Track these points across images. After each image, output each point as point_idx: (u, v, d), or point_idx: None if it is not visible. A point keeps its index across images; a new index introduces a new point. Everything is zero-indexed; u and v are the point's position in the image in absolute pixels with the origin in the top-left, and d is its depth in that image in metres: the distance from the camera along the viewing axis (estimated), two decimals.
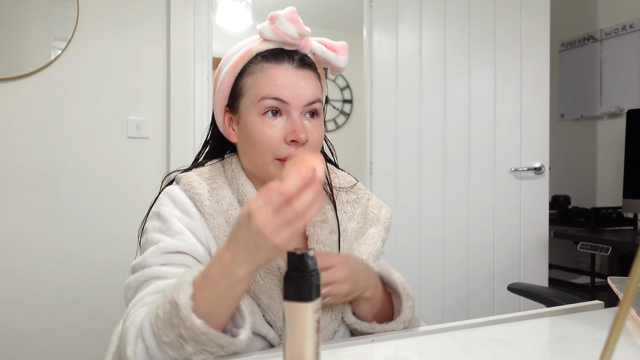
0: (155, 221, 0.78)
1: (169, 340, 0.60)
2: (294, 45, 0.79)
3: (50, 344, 1.93)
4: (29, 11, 1.92)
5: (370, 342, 0.69)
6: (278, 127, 0.77)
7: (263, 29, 0.78)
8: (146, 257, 0.73)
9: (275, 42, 0.79)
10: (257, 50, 0.79)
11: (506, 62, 2.35)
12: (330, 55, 0.81)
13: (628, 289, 0.34)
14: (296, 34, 0.77)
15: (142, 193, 2.08)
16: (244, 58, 0.80)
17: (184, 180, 0.81)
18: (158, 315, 0.61)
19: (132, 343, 0.63)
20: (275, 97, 0.77)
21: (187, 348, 0.60)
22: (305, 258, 0.47)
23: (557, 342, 0.69)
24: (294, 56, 0.79)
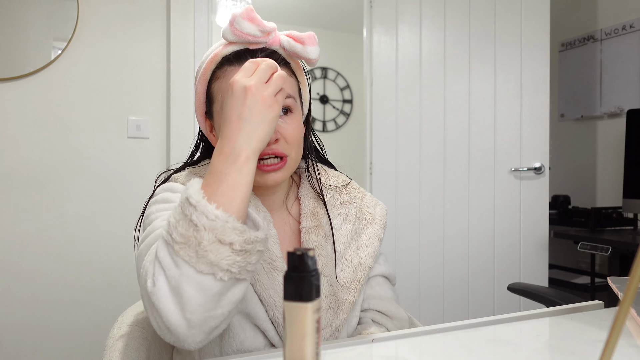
0: (160, 204, 0.74)
1: (182, 239, 0.57)
2: (259, 44, 0.77)
3: (50, 343, 1.93)
4: (29, 11, 1.92)
5: (370, 342, 0.69)
6: None
7: (224, 32, 0.76)
8: (154, 225, 0.69)
9: (239, 44, 0.77)
10: (222, 54, 0.78)
11: (506, 62, 2.35)
12: (297, 47, 0.78)
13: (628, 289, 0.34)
14: (257, 31, 0.75)
15: (142, 193, 2.08)
16: (211, 64, 0.79)
17: (181, 179, 0.81)
18: (169, 223, 0.59)
19: (150, 272, 0.59)
20: None
21: (203, 242, 0.56)
22: (305, 258, 0.47)
23: (557, 342, 0.69)
24: (258, 55, 0.77)
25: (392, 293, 0.91)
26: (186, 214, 0.58)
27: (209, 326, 0.59)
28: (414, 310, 2.28)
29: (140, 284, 0.63)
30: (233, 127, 0.62)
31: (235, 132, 0.62)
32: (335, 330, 0.79)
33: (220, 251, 0.57)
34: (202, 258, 0.57)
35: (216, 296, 0.58)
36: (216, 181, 0.61)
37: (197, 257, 0.57)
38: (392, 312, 0.87)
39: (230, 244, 0.58)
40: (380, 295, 0.88)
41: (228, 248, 0.58)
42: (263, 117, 0.63)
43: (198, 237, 0.57)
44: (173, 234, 0.58)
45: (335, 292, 0.80)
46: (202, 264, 0.57)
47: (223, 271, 0.57)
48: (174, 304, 0.57)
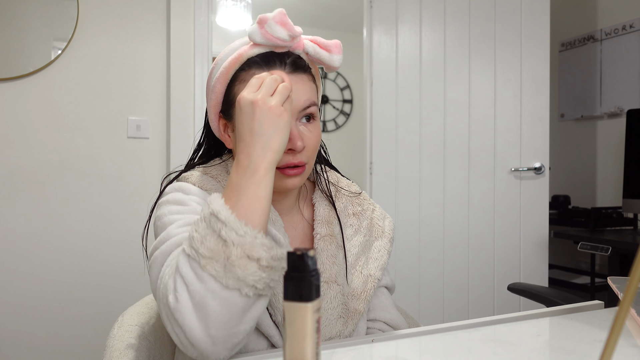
0: (173, 205, 0.73)
1: (209, 253, 0.57)
2: (285, 48, 0.77)
3: (49, 343, 1.93)
4: (29, 11, 1.92)
5: (370, 342, 0.69)
6: None
7: (252, 33, 0.75)
8: (169, 231, 0.67)
9: (266, 46, 0.76)
10: (248, 55, 0.77)
11: (506, 62, 2.35)
12: (324, 55, 0.78)
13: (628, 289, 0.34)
14: (287, 36, 0.75)
15: (142, 193, 2.08)
16: (234, 64, 0.77)
17: (192, 179, 0.79)
18: (193, 238, 0.58)
19: (171, 288, 0.58)
20: None
21: (231, 257, 0.57)
22: (305, 258, 0.47)
23: (557, 342, 0.69)
24: (286, 60, 0.76)
25: (393, 302, 0.92)
26: (215, 229, 0.58)
27: (232, 343, 0.60)
28: (414, 310, 2.28)
29: (157, 296, 0.62)
30: (247, 142, 0.64)
31: (250, 146, 0.64)
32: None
33: (247, 267, 0.58)
34: (230, 273, 0.57)
35: (240, 312, 0.58)
36: (235, 195, 0.62)
37: (225, 272, 0.57)
38: (398, 324, 0.88)
39: (257, 260, 0.58)
40: (386, 305, 0.89)
41: (255, 264, 0.58)
42: (275, 127, 0.64)
43: (227, 252, 0.57)
44: (200, 249, 0.58)
45: (346, 301, 0.81)
46: (229, 279, 0.57)
47: (249, 287, 0.58)
48: (198, 320, 0.57)
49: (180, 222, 0.69)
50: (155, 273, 0.65)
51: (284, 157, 0.75)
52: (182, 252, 0.60)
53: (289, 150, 0.74)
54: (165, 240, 0.67)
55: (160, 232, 0.70)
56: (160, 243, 0.67)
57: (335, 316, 0.79)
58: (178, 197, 0.74)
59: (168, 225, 0.69)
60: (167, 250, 0.65)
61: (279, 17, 0.74)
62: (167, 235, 0.67)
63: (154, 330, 0.89)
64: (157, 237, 0.70)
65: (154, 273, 0.65)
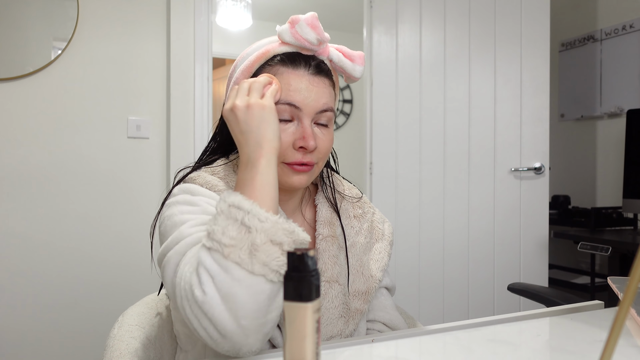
0: (183, 206, 0.73)
1: (232, 242, 0.58)
2: (311, 51, 0.78)
3: (50, 343, 1.93)
4: (29, 11, 1.92)
5: (370, 342, 0.69)
6: (288, 132, 0.76)
7: (282, 32, 0.77)
8: (182, 231, 0.68)
9: (294, 46, 0.78)
10: (275, 52, 0.78)
11: (506, 62, 2.35)
12: (347, 64, 0.80)
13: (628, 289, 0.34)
14: (315, 39, 0.76)
15: (142, 193, 2.08)
16: (260, 58, 0.79)
17: (200, 180, 0.79)
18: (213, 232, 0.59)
19: (196, 282, 0.59)
20: (288, 103, 0.75)
21: (256, 242, 0.58)
22: (305, 258, 0.47)
23: (557, 342, 0.69)
24: (310, 62, 0.78)
25: (393, 303, 0.93)
26: (237, 218, 0.60)
27: (263, 333, 0.60)
28: (414, 310, 2.28)
29: (178, 294, 0.62)
30: (242, 143, 0.69)
31: (245, 145, 0.69)
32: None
33: (271, 252, 0.59)
34: (255, 258, 0.58)
35: (267, 299, 0.59)
36: (242, 187, 0.66)
37: (250, 258, 0.58)
38: (397, 325, 0.89)
39: (280, 244, 0.59)
40: (385, 306, 0.90)
41: (278, 249, 0.59)
42: (260, 120, 0.69)
43: (251, 238, 0.59)
44: (222, 240, 0.59)
45: (347, 301, 0.81)
46: (255, 265, 0.58)
47: (273, 272, 0.59)
48: (227, 311, 0.57)
49: (193, 222, 0.69)
50: (169, 273, 0.65)
51: (294, 154, 0.76)
52: (202, 247, 0.60)
53: (300, 148, 0.76)
54: (178, 240, 0.67)
55: (171, 232, 0.70)
56: (174, 243, 0.67)
57: (337, 315, 0.79)
58: (187, 198, 0.74)
59: (179, 225, 0.69)
60: (181, 250, 0.65)
61: (311, 20, 0.76)
62: (179, 235, 0.67)
63: (154, 330, 0.89)
64: (168, 237, 0.69)
65: (169, 273, 0.65)
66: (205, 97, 2.16)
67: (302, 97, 0.76)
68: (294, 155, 0.76)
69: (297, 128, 0.77)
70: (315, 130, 0.78)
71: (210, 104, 2.18)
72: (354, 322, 0.81)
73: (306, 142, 0.75)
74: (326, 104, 0.78)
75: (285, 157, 0.76)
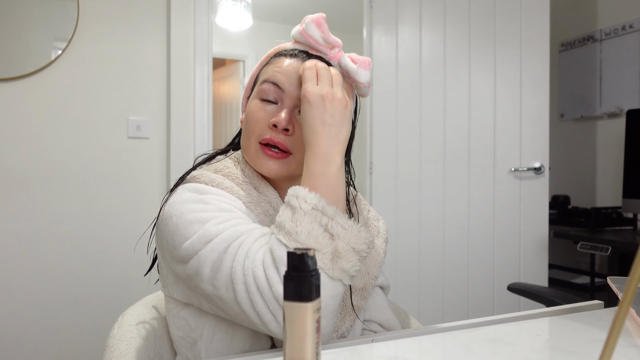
0: (194, 204, 0.72)
1: (317, 246, 0.61)
2: (320, 52, 0.80)
3: (50, 343, 1.93)
4: (29, 11, 1.92)
5: (370, 342, 0.69)
6: (269, 111, 0.78)
7: (293, 31, 0.81)
8: (209, 229, 0.67)
9: (302, 44, 0.81)
10: (284, 48, 0.83)
11: (506, 62, 2.35)
12: (351, 67, 0.80)
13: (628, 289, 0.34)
14: (320, 38, 0.78)
15: (143, 193, 2.08)
16: (271, 53, 0.84)
17: (203, 178, 0.78)
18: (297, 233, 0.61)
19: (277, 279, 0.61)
20: (274, 82, 0.78)
21: (339, 249, 0.61)
22: (305, 258, 0.47)
23: (557, 342, 0.69)
24: (311, 57, 0.79)
25: (387, 302, 0.93)
26: (321, 223, 0.62)
27: (331, 327, 0.64)
28: (414, 310, 2.28)
29: (244, 289, 0.63)
30: (320, 133, 0.69)
31: (323, 137, 0.69)
32: (341, 337, 0.80)
33: (351, 258, 0.62)
34: (336, 264, 0.61)
35: (340, 300, 0.64)
36: (321, 184, 0.67)
37: (332, 263, 0.61)
38: (391, 325, 0.89)
39: (359, 252, 0.63)
40: (381, 306, 0.90)
41: (357, 256, 0.63)
42: (343, 118, 0.70)
43: (334, 245, 0.61)
44: (307, 242, 0.61)
45: (344, 297, 0.81)
46: (335, 270, 0.61)
47: (349, 277, 0.62)
48: None
49: (217, 221, 0.68)
50: (205, 271, 0.66)
51: (268, 132, 0.77)
52: (279, 244, 0.62)
53: (273, 126, 0.76)
54: (208, 238, 0.67)
55: (188, 230, 0.69)
56: (202, 241, 0.67)
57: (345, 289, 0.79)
58: (196, 197, 0.73)
59: (198, 223, 0.69)
60: (217, 248, 0.66)
61: (317, 19, 0.78)
62: (207, 234, 0.67)
63: (154, 331, 0.89)
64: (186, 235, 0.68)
65: (205, 271, 0.66)
66: (205, 97, 2.16)
67: (287, 80, 0.77)
68: (268, 132, 0.77)
69: (277, 110, 0.78)
70: (298, 117, 0.77)
71: (210, 104, 2.18)
72: (350, 318, 0.80)
73: (277, 120, 0.75)
74: None
75: (260, 134, 0.77)
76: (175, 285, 0.76)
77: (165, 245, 0.73)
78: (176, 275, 0.74)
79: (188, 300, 0.75)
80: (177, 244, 0.70)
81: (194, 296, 0.73)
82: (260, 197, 0.79)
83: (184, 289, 0.75)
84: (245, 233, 0.67)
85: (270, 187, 0.81)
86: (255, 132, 0.78)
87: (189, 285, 0.72)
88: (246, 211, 0.75)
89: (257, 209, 0.77)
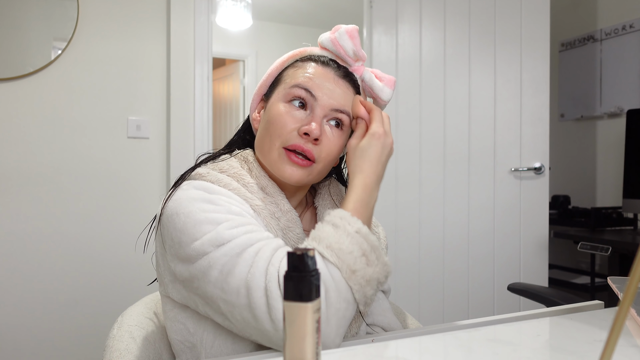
0: (203, 204, 0.71)
1: (355, 267, 0.64)
2: (346, 64, 0.81)
3: (50, 343, 1.93)
4: (29, 11, 1.92)
5: (370, 342, 0.69)
6: (297, 117, 0.77)
7: (323, 38, 0.82)
8: (221, 232, 0.67)
9: (330, 52, 0.82)
10: (312, 52, 0.82)
11: (506, 62, 2.35)
12: (376, 84, 0.82)
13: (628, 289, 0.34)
14: (351, 50, 0.80)
15: (142, 193, 2.08)
16: (296, 55, 0.83)
17: (210, 177, 0.77)
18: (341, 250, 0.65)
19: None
20: (306, 89, 0.77)
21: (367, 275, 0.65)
22: (305, 258, 0.47)
23: (557, 342, 0.69)
24: (341, 68, 0.80)
25: (389, 305, 0.93)
26: (361, 247, 0.66)
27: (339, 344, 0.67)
28: (414, 310, 2.28)
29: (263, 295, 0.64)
30: (375, 166, 0.75)
31: (375, 172, 0.75)
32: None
33: (374, 286, 0.67)
34: (362, 289, 0.65)
35: (349, 323, 0.67)
36: (361, 210, 0.72)
37: (360, 288, 0.65)
38: (394, 328, 0.89)
39: (380, 283, 0.68)
40: (383, 309, 0.90)
41: (378, 286, 0.68)
42: (387, 159, 0.78)
43: (366, 271, 0.65)
44: (347, 260, 0.64)
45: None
46: (359, 294, 0.65)
47: (366, 304, 0.67)
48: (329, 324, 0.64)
49: (229, 224, 0.68)
50: (213, 276, 0.66)
51: (296, 138, 0.76)
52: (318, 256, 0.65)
53: (304, 134, 0.76)
54: (220, 241, 0.67)
55: (197, 230, 0.68)
56: (214, 244, 0.66)
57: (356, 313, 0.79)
58: (204, 196, 0.72)
59: (206, 224, 0.68)
60: (230, 253, 0.66)
61: (351, 31, 0.80)
62: (219, 237, 0.67)
63: (154, 331, 0.89)
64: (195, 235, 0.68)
65: (212, 276, 0.66)
66: (205, 97, 2.16)
67: (321, 89, 0.77)
68: (296, 139, 0.76)
69: (306, 117, 0.77)
70: (326, 127, 0.78)
71: (210, 104, 2.18)
72: (356, 324, 0.80)
73: (310, 128, 0.75)
74: (344, 105, 0.79)
75: (287, 139, 0.76)
76: (171, 285, 0.75)
77: (169, 242, 0.72)
78: (174, 274, 0.73)
79: (184, 301, 0.74)
80: (185, 242, 0.69)
81: (190, 298, 0.72)
82: (267, 199, 0.78)
83: (180, 289, 0.74)
84: (262, 241, 0.68)
85: (278, 189, 0.80)
86: (281, 136, 0.77)
87: (188, 286, 0.71)
88: (254, 215, 0.74)
89: (263, 211, 0.76)
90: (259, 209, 0.76)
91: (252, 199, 0.76)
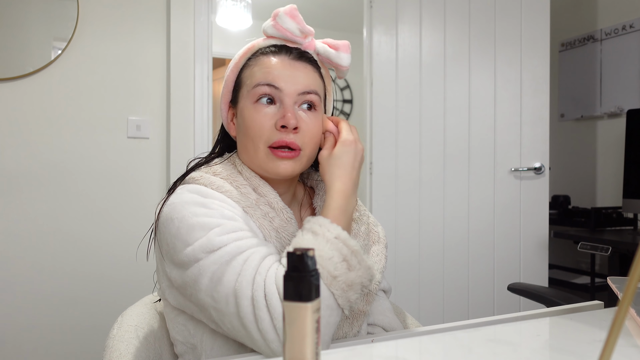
0: (197, 208, 0.71)
1: (336, 273, 0.64)
2: (296, 44, 0.80)
3: (50, 343, 1.93)
4: (29, 11, 1.92)
5: (370, 342, 0.69)
6: (269, 114, 0.77)
7: (265, 26, 0.80)
8: (212, 239, 0.67)
9: (278, 39, 0.81)
10: (260, 46, 0.81)
11: (506, 62, 2.35)
12: (331, 53, 0.82)
13: (627, 289, 0.34)
14: (296, 30, 0.79)
15: (142, 193, 2.08)
16: (246, 54, 0.82)
17: (203, 180, 0.77)
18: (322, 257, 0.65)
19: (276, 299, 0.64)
20: (268, 84, 0.77)
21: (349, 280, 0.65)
22: (305, 258, 0.47)
23: (557, 342, 0.69)
24: (292, 50, 0.80)
25: (390, 305, 0.93)
26: (342, 253, 0.66)
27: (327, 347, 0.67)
28: (413, 310, 2.28)
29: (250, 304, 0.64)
30: (350, 173, 0.76)
31: (347, 178, 0.76)
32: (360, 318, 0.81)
33: (357, 291, 0.67)
34: (345, 294, 0.65)
35: (335, 329, 0.67)
36: (343, 218, 0.73)
37: (343, 293, 0.65)
38: (395, 328, 0.89)
39: (364, 287, 0.67)
40: (384, 309, 0.90)
41: (362, 290, 0.67)
42: (360, 165, 0.79)
43: (348, 276, 0.65)
44: (328, 266, 0.64)
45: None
46: (343, 300, 0.65)
47: (350, 308, 0.67)
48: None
49: (221, 230, 0.68)
50: (204, 283, 0.66)
51: (277, 134, 0.76)
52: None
53: (281, 127, 0.76)
54: (211, 248, 0.67)
55: (191, 235, 0.68)
56: (204, 250, 0.67)
57: (343, 317, 0.79)
58: (197, 200, 0.73)
59: (201, 230, 0.68)
60: (219, 260, 0.66)
61: (290, 11, 0.79)
62: (210, 243, 0.67)
63: (154, 331, 0.89)
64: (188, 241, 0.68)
65: (202, 283, 0.66)
66: (205, 97, 2.16)
67: (282, 78, 0.77)
68: (278, 135, 0.76)
69: (278, 110, 0.77)
70: (300, 113, 0.78)
71: (210, 104, 2.18)
72: (357, 323, 0.81)
73: (286, 120, 0.75)
74: (308, 85, 0.79)
75: (269, 138, 0.77)
76: (168, 290, 0.75)
77: (165, 247, 0.72)
78: (170, 280, 0.73)
79: (181, 307, 0.75)
80: (179, 248, 0.69)
81: (186, 304, 0.73)
82: (259, 199, 0.79)
83: (176, 295, 0.74)
84: (251, 249, 0.68)
85: (270, 187, 0.80)
86: (262, 136, 0.77)
87: (183, 292, 0.71)
88: (244, 216, 0.75)
89: (256, 212, 0.77)
90: (251, 210, 0.76)
91: (245, 200, 0.77)
